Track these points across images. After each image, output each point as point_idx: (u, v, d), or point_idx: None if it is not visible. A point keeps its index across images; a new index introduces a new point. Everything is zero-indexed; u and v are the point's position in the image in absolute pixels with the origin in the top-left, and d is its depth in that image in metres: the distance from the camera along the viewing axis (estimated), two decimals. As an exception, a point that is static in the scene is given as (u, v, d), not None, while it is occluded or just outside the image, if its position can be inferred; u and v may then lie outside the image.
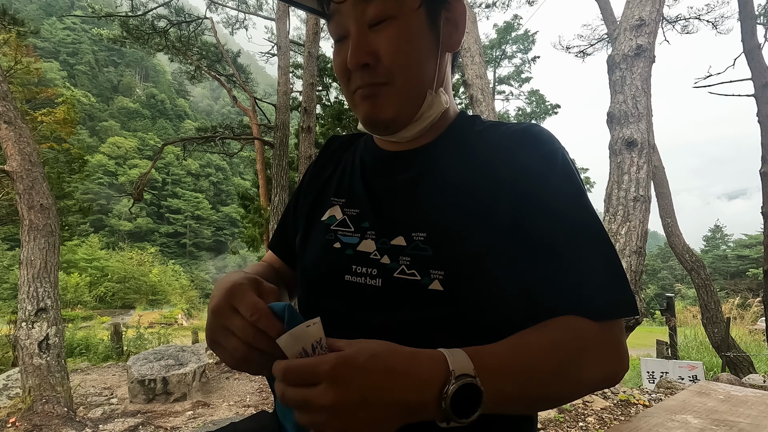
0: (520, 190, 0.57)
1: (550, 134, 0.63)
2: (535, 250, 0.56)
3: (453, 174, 0.62)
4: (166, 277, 37.80)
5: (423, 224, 0.59)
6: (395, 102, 0.60)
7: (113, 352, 8.51)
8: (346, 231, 0.66)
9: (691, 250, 7.60)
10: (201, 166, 65.90)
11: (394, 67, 0.58)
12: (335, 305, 0.64)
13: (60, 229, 4.71)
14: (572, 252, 0.55)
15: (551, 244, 0.56)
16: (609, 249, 0.56)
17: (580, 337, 0.53)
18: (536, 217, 0.57)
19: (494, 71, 22.38)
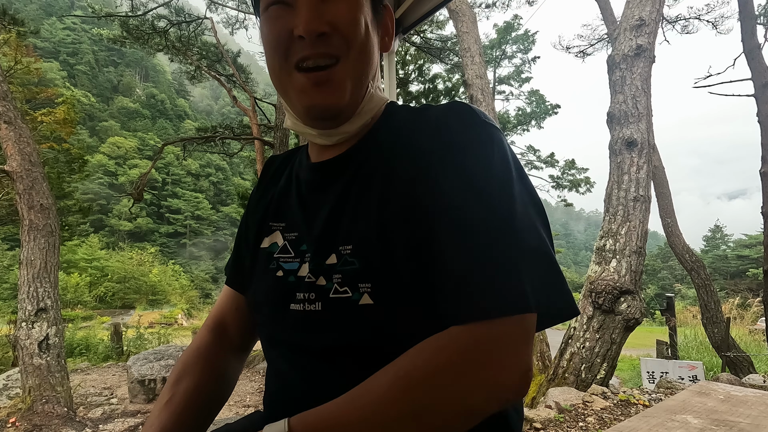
0: (422, 186, 0.53)
1: (458, 115, 0.55)
2: (432, 254, 0.50)
3: (375, 177, 0.57)
4: (166, 277, 37.79)
5: (349, 236, 0.56)
6: (348, 82, 0.55)
7: (113, 352, 8.51)
8: (287, 257, 0.63)
9: (691, 250, 7.60)
10: (201, 166, 65.88)
11: (350, 40, 0.54)
12: (286, 336, 0.62)
13: (60, 229, 4.71)
14: (455, 252, 0.49)
15: (439, 247, 0.50)
16: (504, 240, 0.48)
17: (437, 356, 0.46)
18: (431, 215, 0.51)
19: (494, 71, 22.36)
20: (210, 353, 0.75)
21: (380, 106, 0.62)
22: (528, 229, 0.50)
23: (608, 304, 4.01)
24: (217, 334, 0.77)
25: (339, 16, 0.53)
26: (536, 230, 0.51)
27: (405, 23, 1.89)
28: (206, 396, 0.71)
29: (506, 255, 0.47)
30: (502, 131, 0.56)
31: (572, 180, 20.84)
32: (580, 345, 4.08)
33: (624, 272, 4.12)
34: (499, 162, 0.52)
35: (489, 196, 0.50)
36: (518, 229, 0.49)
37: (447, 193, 0.51)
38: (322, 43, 0.53)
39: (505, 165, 0.52)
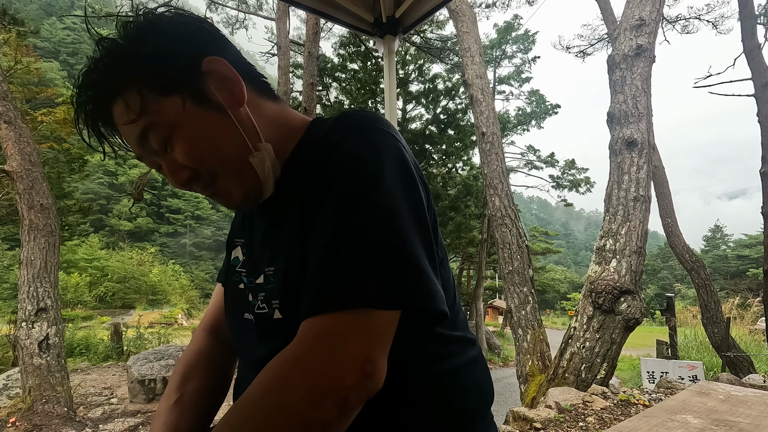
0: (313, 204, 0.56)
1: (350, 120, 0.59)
2: None
3: (291, 200, 0.61)
4: (166, 277, 37.78)
5: (273, 259, 0.61)
6: (235, 188, 0.61)
7: (113, 352, 8.51)
8: (244, 272, 0.70)
9: (691, 250, 7.60)
10: (201, 166, 65.89)
11: (208, 168, 0.59)
12: (240, 345, 0.70)
13: (60, 229, 4.71)
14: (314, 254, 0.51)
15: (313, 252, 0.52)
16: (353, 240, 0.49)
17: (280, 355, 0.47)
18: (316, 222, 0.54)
19: (494, 71, 22.36)
20: (211, 355, 0.79)
21: (277, 154, 0.63)
22: (389, 229, 0.50)
23: (608, 304, 4.01)
24: (214, 336, 0.81)
25: (185, 161, 0.57)
26: (400, 231, 0.51)
27: (405, 23, 1.89)
28: (211, 396, 0.76)
29: (352, 252, 0.48)
30: (383, 131, 0.58)
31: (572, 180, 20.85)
32: (580, 345, 4.08)
33: (624, 272, 4.12)
34: (367, 165, 0.53)
35: (349, 198, 0.51)
36: (374, 228, 0.50)
37: (321, 204, 0.54)
38: (197, 183, 0.60)
39: (375, 167, 0.53)
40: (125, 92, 0.56)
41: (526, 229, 20.84)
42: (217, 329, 0.81)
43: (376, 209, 0.51)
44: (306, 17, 10.76)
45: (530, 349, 4.99)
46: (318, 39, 8.89)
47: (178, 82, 0.56)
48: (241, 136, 0.59)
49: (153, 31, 0.58)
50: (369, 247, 0.49)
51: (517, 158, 23.41)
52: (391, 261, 0.49)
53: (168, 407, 0.72)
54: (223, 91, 0.58)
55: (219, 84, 0.58)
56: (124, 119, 0.57)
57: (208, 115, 0.58)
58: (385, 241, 0.49)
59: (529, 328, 5.11)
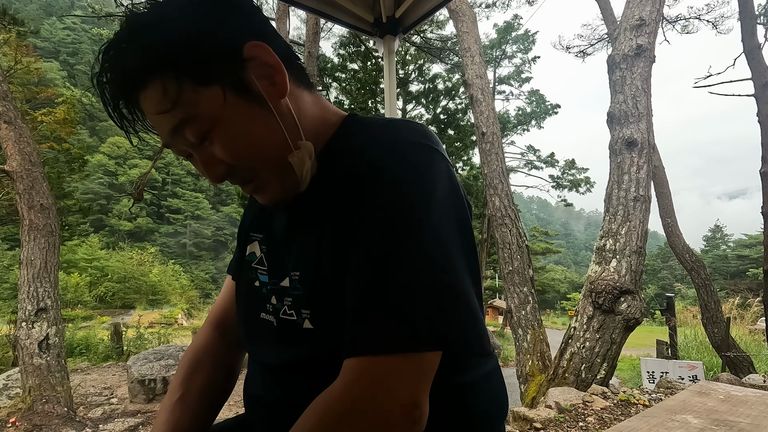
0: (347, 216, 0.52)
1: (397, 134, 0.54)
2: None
3: (320, 206, 0.57)
4: (166, 277, 37.78)
5: (298, 264, 0.58)
6: (272, 186, 0.58)
7: (113, 352, 8.51)
8: (262, 269, 0.66)
9: (691, 250, 7.60)
10: (201, 166, 65.88)
11: (247, 165, 0.55)
12: (257, 342, 0.67)
13: (60, 229, 4.71)
14: (355, 284, 0.49)
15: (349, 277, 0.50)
16: (402, 274, 0.46)
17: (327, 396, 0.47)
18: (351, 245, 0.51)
19: (494, 71, 22.37)
20: (217, 350, 0.77)
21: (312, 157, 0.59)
22: (437, 266, 0.47)
23: (608, 304, 4.01)
24: (221, 330, 0.79)
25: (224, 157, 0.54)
26: (448, 267, 0.48)
27: (405, 23, 1.89)
28: (215, 393, 0.75)
29: (402, 290, 0.46)
30: (437, 149, 0.53)
31: (572, 180, 20.86)
32: (580, 345, 4.08)
33: (624, 272, 4.12)
34: (414, 191, 0.49)
35: (395, 229, 0.48)
36: (424, 264, 0.47)
37: (361, 224, 0.50)
38: (232, 177, 0.57)
39: (423, 194, 0.49)
40: (160, 79, 0.49)
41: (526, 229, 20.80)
42: (226, 324, 0.79)
43: (426, 244, 0.47)
44: (306, 17, 10.77)
45: (530, 349, 4.99)
46: (318, 39, 8.89)
47: (220, 70, 0.51)
48: (281, 132, 0.55)
49: (192, 10, 0.51)
50: (419, 286, 0.46)
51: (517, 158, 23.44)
52: (442, 301, 0.46)
53: (172, 404, 0.71)
54: (264, 80, 0.53)
55: (260, 72, 0.53)
56: (157, 108, 0.51)
57: (250, 108, 0.53)
58: (436, 279, 0.47)
59: (529, 328, 5.11)
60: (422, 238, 0.48)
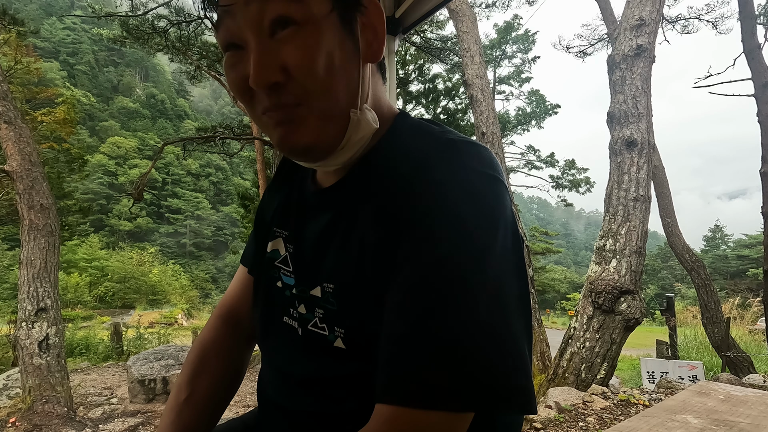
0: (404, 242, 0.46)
1: (462, 161, 0.48)
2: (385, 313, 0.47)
3: (361, 215, 0.52)
4: (166, 277, 37.79)
5: (332, 275, 0.53)
6: (313, 126, 0.49)
7: (113, 352, 8.51)
8: (286, 270, 0.62)
9: (691, 250, 7.60)
10: (201, 166, 65.90)
11: (309, 85, 0.47)
12: (275, 345, 0.64)
13: (60, 229, 4.71)
14: (396, 320, 0.44)
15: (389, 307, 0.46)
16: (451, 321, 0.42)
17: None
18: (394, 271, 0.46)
19: (494, 71, 22.37)
20: (225, 347, 0.74)
21: (374, 131, 0.54)
22: (491, 318, 0.43)
23: (608, 304, 4.01)
24: (231, 325, 0.75)
25: (290, 60, 0.47)
26: (503, 320, 0.43)
27: (405, 23, 1.89)
28: (223, 391, 0.72)
29: (449, 342, 0.42)
30: (503, 183, 0.49)
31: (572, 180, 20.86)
32: (580, 345, 4.08)
33: (624, 272, 4.12)
34: (476, 230, 0.45)
35: (452, 273, 0.43)
36: (478, 315, 0.42)
37: (413, 259, 0.45)
38: (277, 93, 0.48)
39: (488, 234, 0.45)
40: None
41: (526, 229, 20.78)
42: (236, 317, 0.75)
43: (483, 293, 0.43)
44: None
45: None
46: (318, 39, 8.88)
47: None
48: (357, 84, 0.50)
49: None
50: (469, 340, 0.42)
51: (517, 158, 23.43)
52: (491, 360, 0.42)
53: (178, 404, 0.68)
54: (366, 34, 0.51)
55: (366, 26, 0.51)
56: None
57: (343, 42, 0.49)
58: (486, 336, 0.42)
59: (529, 328, 5.11)
60: (480, 285, 0.43)
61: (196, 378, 0.70)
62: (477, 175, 0.47)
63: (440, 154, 0.49)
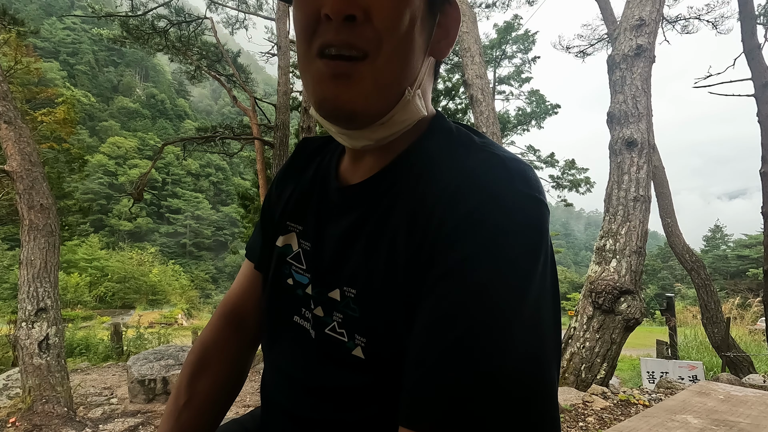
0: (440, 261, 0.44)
1: (510, 183, 0.44)
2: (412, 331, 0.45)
3: (392, 219, 0.50)
4: (166, 277, 37.83)
5: (354, 279, 0.51)
6: (369, 88, 0.46)
7: (113, 352, 8.51)
8: (299, 267, 0.59)
9: (691, 250, 7.60)
10: (201, 166, 65.95)
11: (385, 32, 0.45)
12: (282, 346, 0.61)
13: (60, 229, 4.71)
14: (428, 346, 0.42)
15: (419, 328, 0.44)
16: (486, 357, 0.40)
17: None
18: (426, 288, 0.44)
19: (494, 71, 22.38)
20: (227, 348, 0.71)
21: (417, 119, 0.52)
22: (526, 353, 0.40)
23: (608, 304, 4.01)
24: (234, 325, 0.72)
25: (376, 3, 0.44)
26: (538, 355, 0.41)
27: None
28: (224, 395, 0.70)
29: (482, 375, 0.39)
30: (547, 207, 0.46)
31: (572, 180, 20.85)
32: (580, 345, 4.08)
33: (624, 272, 4.12)
34: (519, 260, 0.42)
35: (488, 300, 0.41)
36: (512, 350, 0.40)
37: (445, 282, 0.43)
38: (349, 30, 0.44)
39: (530, 260, 0.42)
40: None
41: (526, 229, 20.67)
42: (240, 317, 0.71)
43: (519, 326, 0.40)
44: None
45: (530, 349, 4.99)
46: (318, 39, 8.88)
47: None
48: (419, 67, 0.50)
49: None
50: (499, 376, 0.39)
51: (517, 158, 23.41)
52: (521, 396, 0.40)
53: (178, 408, 0.65)
54: (440, 31, 0.52)
55: (441, 24, 0.52)
56: None
57: (424, 20, 0.49)
58: (519, 371, 0.40)
59: (529, 328, 5.11)
60: (516, 317, 0.40)
61: (196, 381, 0.67)
62: (525, 198, 0.44)
63: (490, 171, 0.46)
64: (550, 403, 0.41)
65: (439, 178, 0.47)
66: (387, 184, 0.52)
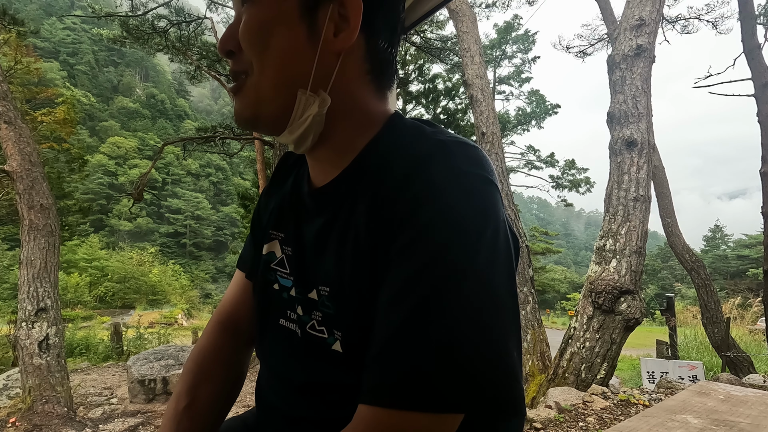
0: (385, 240, 0.48)
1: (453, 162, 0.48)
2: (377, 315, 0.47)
3: (354, 216, 0.53)
4: (166, 277, 37.80)
5: (327, 278, 0.54)
6: (253, 96, 0.54)
7: (113, 352, 8.51)
8: (283, 272, 0.62)
9: (691, 250, 7.60)
10: (201, 166, 65.96)
11: (251, 53, 0.52)
12: (271, 348, 0.64)
13: (60, 229, 4.71)
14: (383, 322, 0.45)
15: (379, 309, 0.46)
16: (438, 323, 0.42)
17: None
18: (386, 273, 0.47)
19: (494, 71, 22.39)
20: (225, 354, 0.73)
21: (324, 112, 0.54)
22: (480, 318, 0.43)
23: (608, 304, 4.01)
24: (230, 331, 0.74)
25: (240, 34, 0.53)
26: (492, 320, 0.43)
27: (405, 23, 1.89)
28: (223, 399, 0.72)
29: (434, 344, 0.41)
30: (494, 183, 0.49)
31: (572, 180, 20.85)
32: (580, 345, 4.08)
33: (624, 272, 4.12)
34: (465, 228, 0.45)
35: (439, 271, 0.43)
36: (464, 317, 0.42)
37: (402, 259, 0.45)
38: (234, 61, 0.55)
39: (475, 232, 0.45)
40: None
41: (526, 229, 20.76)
42: (235, 323, 0.74)
43: (471, 294, 0.43)
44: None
45: (530, 349, 4.99)
46: (318, 39, 8.87)
47: None
48: (310, 68, 0.52)
49: None
50: (455, 342, 0.41)
51: (517, 158, 23.44)
52: (478, 361, 0.42)
53: (178, 413, 0.67)
54: (331, 23, 0.52)
55: (335, 14, 0.52)
56: None
57: (297, 22, 0.51)
58: (474, 335, 0.42)
59: (529, 328, 5.11)
60: (468, 286, 0.43)
61: (196, 387, 0.69)
62: (467, 176, 0.47)
63: (432, 155, 0.49)
64: (506, 372, 0.43)
65: (392, 168, 0.51)
66: (348, 184, 0.56)
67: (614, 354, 3.99)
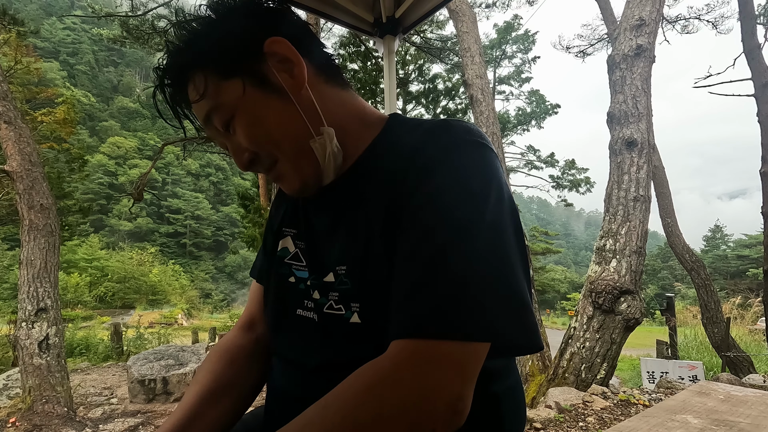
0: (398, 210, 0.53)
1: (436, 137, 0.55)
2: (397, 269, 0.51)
3: (364, 201, 0.59)
4: (166, 277, 37.77)
5: (343, 257, 0.58)
6: (292, 173, 0.60)
7: (113, 352, 8.51)
8: (299, 265, 0.66)
9: (691, 250, 7.59)
10: (201, 166, 65.91)
11: (267, 151, 0.59)
12: (288, 338, 0.66)
13: (60, 229, 4.71)
14: (411, 267, 0.49)
15: (401, 261, 0.51)
16: (461, 263, 0.47)
17: (372, 370, 0.47)
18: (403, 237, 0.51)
19: (494, 71, 22.39)
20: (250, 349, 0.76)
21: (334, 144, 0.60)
22: (494, 257, 0.48)
23: (608, 304, 4.01)
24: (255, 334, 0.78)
25: (245, 144, 0.58)
26: (504, 259, 0.49)
27: (405, 23, 1.89)
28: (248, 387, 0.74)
29: (457, 279, 0.46)
30: (493, 150, 0.56)
31: (572, 180, 20.85)
32: (580, 345, 4.08)
33: (624, 272, 4.12)
34: (473, 186, 0.51)
35: (453, 222, 0.49)
36: (479, 256, 0.48)
37: (417, 217, 0.51)
38: (258, 165, 0.61)
39: (481, 188, 0.51)
40: (193, 75, 0.58)
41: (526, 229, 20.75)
42: (256, 325, 0.79)
43: (483, 237, 0.48)
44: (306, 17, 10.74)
45: (530, 349, 4.99)
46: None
47: (240, 65, 0.56)
48: (302, 119, 0.58)
49: (219, 14, 0.59)
50: (474, 277, 0.47)
51: (517, 158, 23.44)
52: (497, 293, 0.47)
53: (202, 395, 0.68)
54: (284, 73, 0.57)
55: (280, 65, 0.57)
56: (191, 99, 0.59)
57: (269, 98, 0.57)
58: (491, 272, 0.48)
59: (529, 328, 5.10)
60: (480, 231, 0.49)
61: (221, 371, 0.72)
62: (469, 144, 0.54)
63: (434, 130, 0.56)
64: (522, 303, 0.49)
65: (398, 149, 0.57)
66: (356, 176, 0.61)
67: (614, 354, 3.99)
